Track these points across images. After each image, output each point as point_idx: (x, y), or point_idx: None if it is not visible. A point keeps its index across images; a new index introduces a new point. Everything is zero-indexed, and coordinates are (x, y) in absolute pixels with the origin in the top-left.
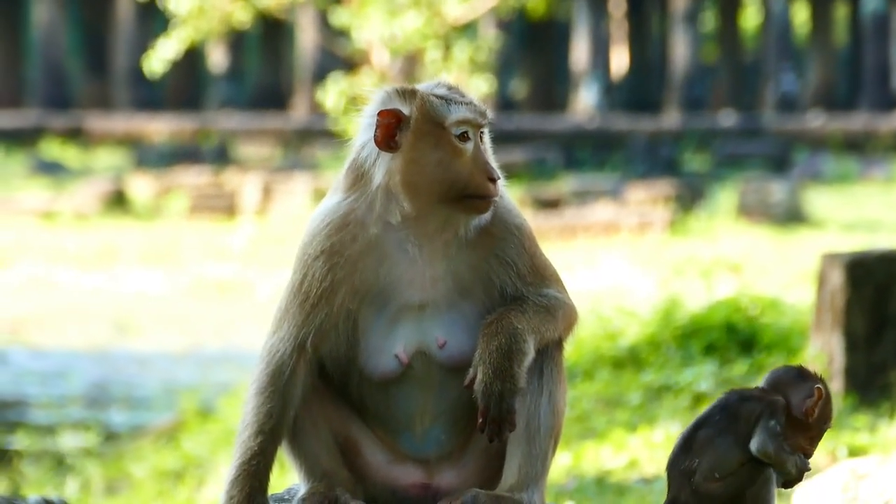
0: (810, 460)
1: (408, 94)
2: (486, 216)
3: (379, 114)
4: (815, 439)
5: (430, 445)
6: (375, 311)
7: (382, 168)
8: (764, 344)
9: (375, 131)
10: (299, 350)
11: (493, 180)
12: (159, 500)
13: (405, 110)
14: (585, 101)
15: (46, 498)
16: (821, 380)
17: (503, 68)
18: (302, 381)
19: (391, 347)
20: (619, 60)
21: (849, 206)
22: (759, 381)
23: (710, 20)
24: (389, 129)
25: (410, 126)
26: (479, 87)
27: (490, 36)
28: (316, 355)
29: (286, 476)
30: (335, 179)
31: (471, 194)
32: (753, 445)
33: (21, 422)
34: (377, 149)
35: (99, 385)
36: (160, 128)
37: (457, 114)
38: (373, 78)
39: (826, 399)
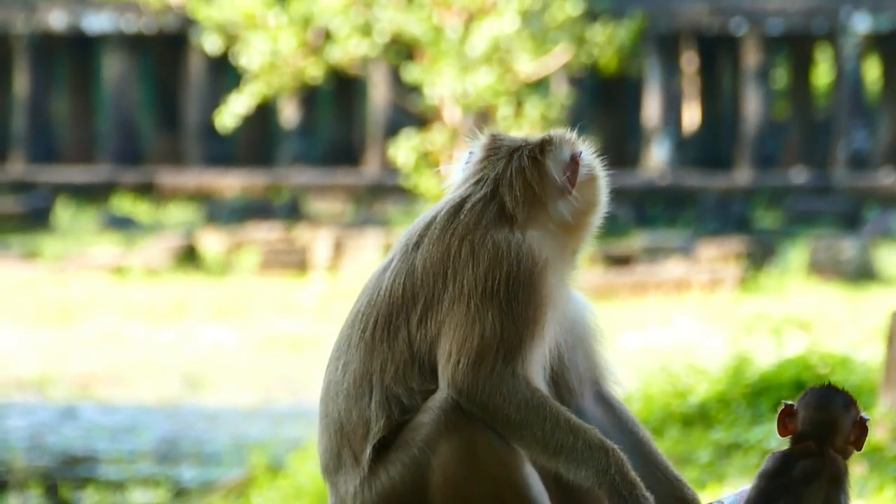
0: None
1: (576, 141)
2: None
3: (573, 157)
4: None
5: None
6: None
7: (565, 210)
8: None
9: (568, 174)
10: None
11: None
12: None
13: (582, 157)
14: (657, 158)
15: None
16: (857, 404)
17: (575, 124)
18: None
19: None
20: (691, 117)
21: None
22: (799, 399)
23: (781, 77)
24: (574, 175)
25: (588, 174)
26: None
27: (562, 92)
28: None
29: None
30: (481, 210)
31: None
32: None
33: (91, 477)
34: (562, 189)
35: (169, 441)
36: (231, 183)
37: (602, 167)
38: (444, 134)
39: None
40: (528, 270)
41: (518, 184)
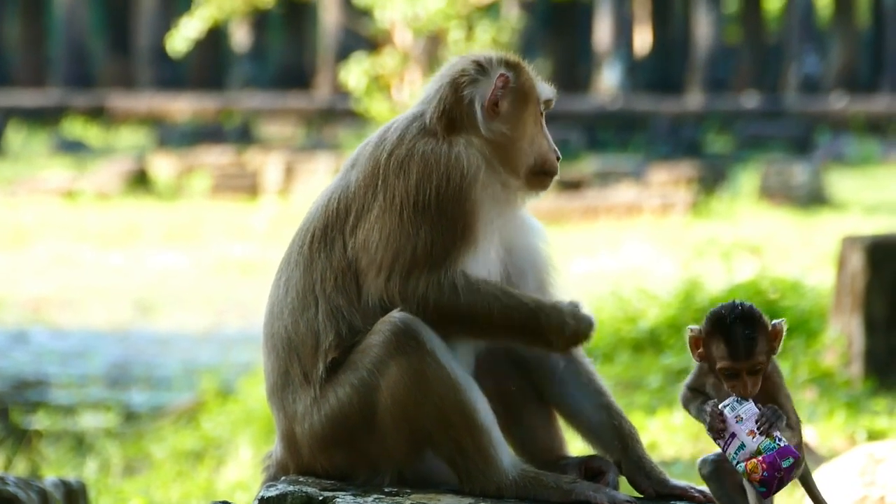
0: None
1: (512, 63)
2: (542, 194)
3: (500, 76)
4: None
5: None
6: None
7: (486, 129)
8: None
9: (496, 93)
10: None
11: (558, 159)
12: (178, 480)
13: (511, 78)
14: (608, 82)
15: (63, 479)
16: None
17: (526, 49)
18: None
19: None
20: (642, 41)
21: (870, 188)
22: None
23: (733, 1)
24: (497, 95)
25: (517, 96)
26: None
27: (513, 16)
28: None
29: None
30: (405, 127)
31: (541, 170)
32: None
33: (41, 402)
34: (481, 110)
35: (119, 365)
36: (183, 107)
37: (546, 91)
38: (395, 58)
39: None
40: (458, 178)
41: (441, 102)
